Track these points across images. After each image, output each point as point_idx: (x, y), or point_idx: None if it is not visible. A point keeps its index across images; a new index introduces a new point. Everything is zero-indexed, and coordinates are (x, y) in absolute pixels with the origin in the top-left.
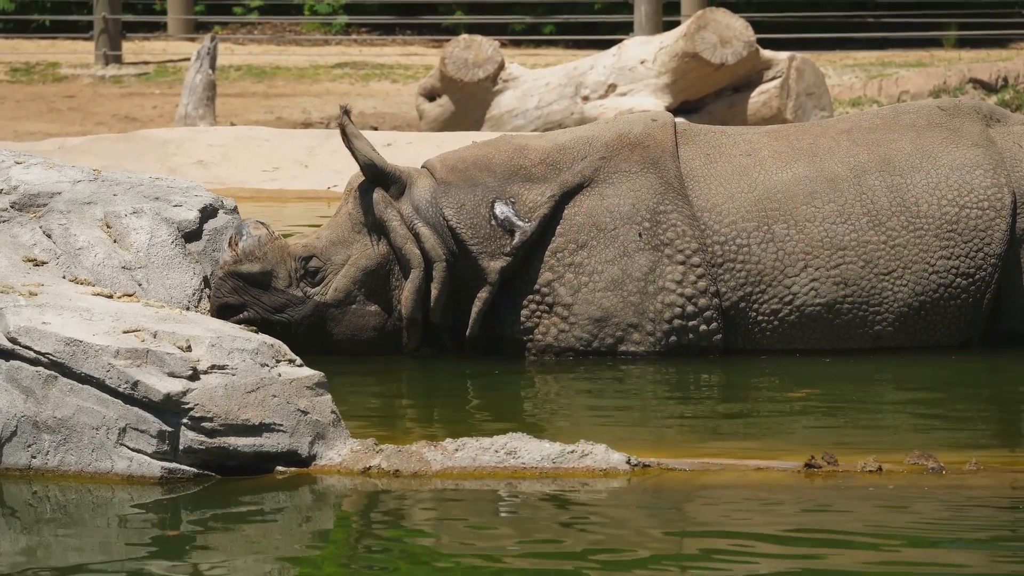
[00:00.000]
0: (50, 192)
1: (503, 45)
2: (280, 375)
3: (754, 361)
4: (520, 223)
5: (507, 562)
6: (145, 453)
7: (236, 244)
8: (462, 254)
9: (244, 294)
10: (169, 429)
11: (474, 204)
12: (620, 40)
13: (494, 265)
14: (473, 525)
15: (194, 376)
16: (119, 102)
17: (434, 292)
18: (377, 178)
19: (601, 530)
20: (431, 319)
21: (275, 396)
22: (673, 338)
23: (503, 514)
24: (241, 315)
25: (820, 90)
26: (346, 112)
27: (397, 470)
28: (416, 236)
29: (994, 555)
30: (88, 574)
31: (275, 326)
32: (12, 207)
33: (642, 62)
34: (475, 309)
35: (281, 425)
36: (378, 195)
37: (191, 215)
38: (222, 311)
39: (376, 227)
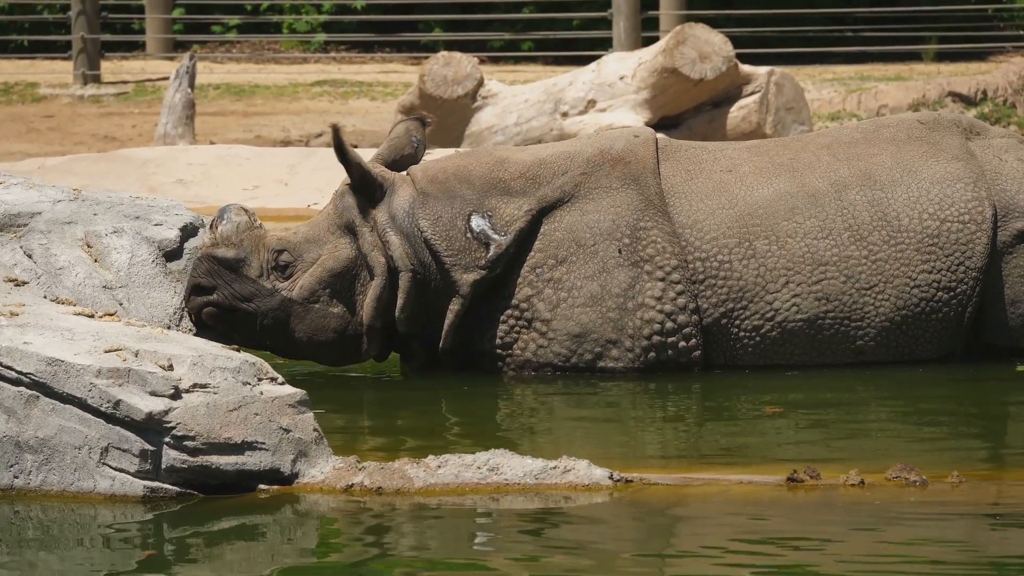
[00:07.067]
0: (30, 212)
1: (482, 62)
2: (262, 393)
3: (735, 376)
4: (495, 236)
5: None
6: (127, 472)
7: (216, 227)
8: (436, 266)
9: (217, 277)
10: (151, 448)
11: (451, 216)
12: (599, 56)
13: (467, 278)
14: (456, 542)
15: (176, 395)
16: (98, 122)
17: (399, 301)
18: (363, 181)
19: (584, 546)
20: (398, 328)
21: (257, 414)
22: (652, 354)
23: (486, 531)
24: (211, 297)
25: (799, 104)
26: (336, 129)
27: (380, 487)
28: (385, 244)
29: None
30: None
31: (241, 313)
32: None
33: (621, 78)
34: (447, 321)
35: (263, 443)
36: (357, 199)
37: (171, 234)
38: (194, 291)
39: (349, 230)
